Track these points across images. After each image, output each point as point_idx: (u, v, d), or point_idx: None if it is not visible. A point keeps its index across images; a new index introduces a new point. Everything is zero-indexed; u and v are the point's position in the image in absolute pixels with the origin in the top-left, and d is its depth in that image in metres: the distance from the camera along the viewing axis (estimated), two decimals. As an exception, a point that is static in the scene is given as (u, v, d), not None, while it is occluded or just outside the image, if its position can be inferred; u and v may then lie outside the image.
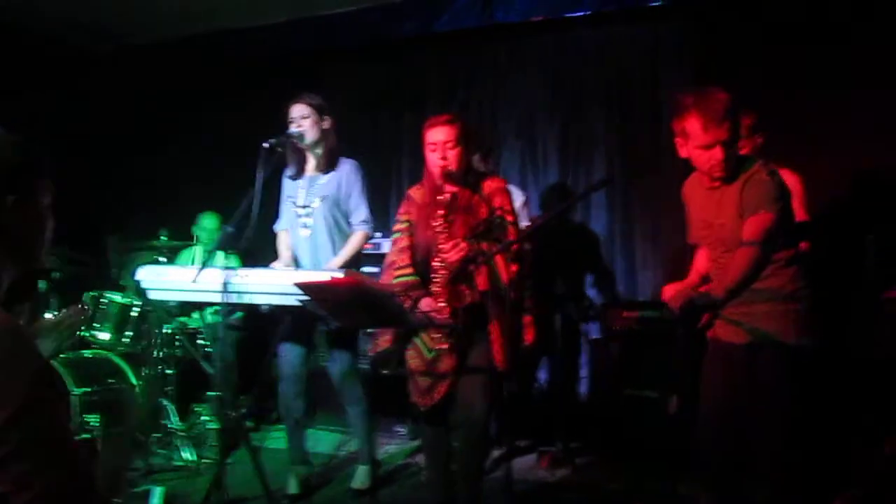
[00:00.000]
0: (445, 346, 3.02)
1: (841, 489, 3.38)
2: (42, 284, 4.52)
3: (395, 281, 3.15)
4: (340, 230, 3.74)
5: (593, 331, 4.90)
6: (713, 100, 2.44)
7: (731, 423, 2.62)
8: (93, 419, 4.02)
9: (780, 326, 2.54)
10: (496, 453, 4.08)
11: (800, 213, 3.45)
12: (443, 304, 2.94)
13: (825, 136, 4.21)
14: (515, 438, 4.45)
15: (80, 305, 2.11)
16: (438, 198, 3.05)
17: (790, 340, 2.52)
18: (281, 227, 3.88)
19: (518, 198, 4.24)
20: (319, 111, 3.68)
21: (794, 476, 2.53)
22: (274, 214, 3.91)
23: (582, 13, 4.70)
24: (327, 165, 3.72)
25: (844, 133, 4.19)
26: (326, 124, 3.71)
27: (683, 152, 2.57)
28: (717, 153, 2.47)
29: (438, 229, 3.02)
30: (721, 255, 2.64)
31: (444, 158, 3.04)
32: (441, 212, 3.02)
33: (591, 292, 5.01)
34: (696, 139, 2.48)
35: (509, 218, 3.10)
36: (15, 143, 1.28)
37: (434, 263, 3.03)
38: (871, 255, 3.68)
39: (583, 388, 4.84)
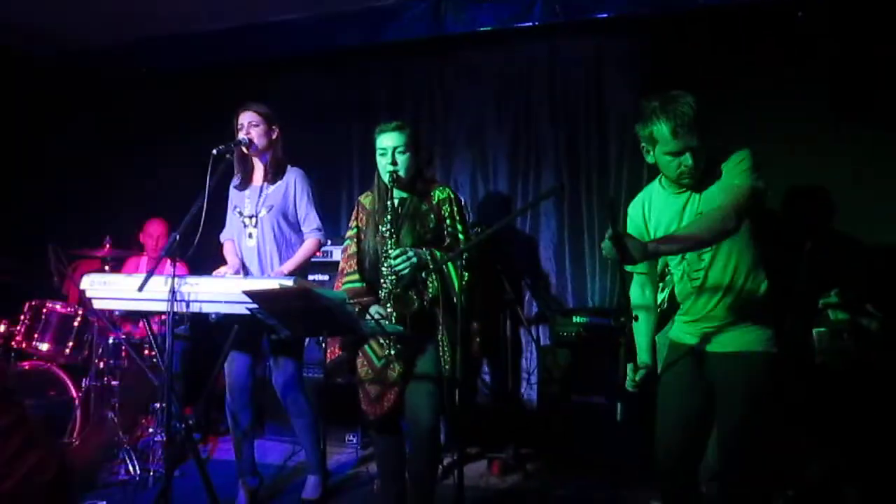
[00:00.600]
0: (393, 354, 3.02)
1: (778, 492, 3.49)
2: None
3: (343, 287, 3.15)
4: (287, 240, 3.71)
5: (543, 337, 4.97)
6: (681, 104, 2.33)
7: (692, 428, 2.55)
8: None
9: (753, 333, 2.46)
10: (447, 460, 4.10)
11: None
12: (390, 311, 2.95)
13: (763, 145, 4.33)
14: (465, 445, 4.47)
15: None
16: (387, 203, 3.06)
17: (761, 348, 2.45)
18: (226, 237, 3.85)
19: None
20: (268, 120, 3.67)
21: (757, 483, 2.46)
22: (221, 223, 3.87)
23: (530, 24, 4.77)
24: (274, 175, 3.70)
25: (782, 141, 4.34)
26: (275, 134, 3.70)
27: (650, 158, 2.46)
28: (687, 159, 2.36)
29: (386, 235, 3.03)
30: (693, 264, 2.51)
31: (393, 164, 3.06)
32: (388, 217, 3.03)
33: (541, 298, 5.06)
34: (664, 145, 2.38)
35: (459, 227, 3.14)
36: None
37: (382, 269, 3.04)
38: (807, 262, 3.79)
39: (532, 394, 4.88)
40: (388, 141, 3.08)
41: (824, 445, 3.55)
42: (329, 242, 4.52)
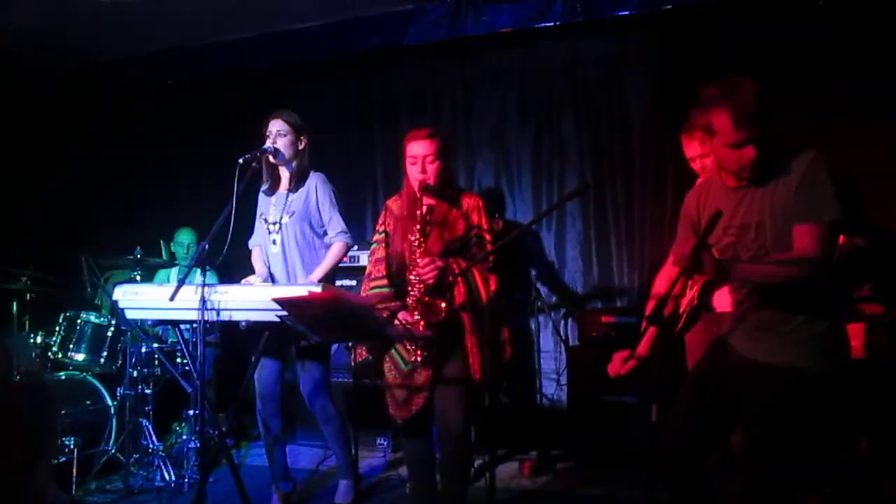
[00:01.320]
0: (420, 359, 3.03)
1: (811, 489, 3.44)
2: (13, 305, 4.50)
3: (370, 292, 3.16)
4: (310, 245, 3.73)
5: (571, 337, 4.95)
6: (744, 91, 2.16)
7: (700, 422, 2.44)
8: (70, 441, 3.99)
9: (802, 351, 2.25)
10: (477, 462, 4.10)
11: None
12: (417, 319, 2.96)
13: (792, 140, 4.29)
14: (496, 447, 4.48)
15: None
16: (416, 212, 3.07)
17: (809, 366, 2.24)
18: (254, 243, 3.89)
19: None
20: (297, 130, 3.68)
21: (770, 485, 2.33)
22: (250, 230, 3.91)
23: (550, 24, 4.76)
24: (298, 182, 3.73)
25: (807, 133, 4.29)
26: (302, 144, 3.72)
27: (697, 150, 2.30)
28: (749, 152, 2.19)
29: (415, 243, 3.04)
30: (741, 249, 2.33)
31: (423, 172, 3.07)
32: (418, 226, 3.04)
33: (569, 298, 5.05)
34: (724, 136, 2.19)
35: (487, 237, 3.14)
36: None
37: (410, 277, 3.05)
38: (839, 256, 3.74)
39: (562, 394, 4.87)
40: (418, 149, 3.08)
41: (858, 441, 3.50)
42: (356, 247, 4.56)
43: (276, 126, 3.65)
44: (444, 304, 2.94)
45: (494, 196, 5.31)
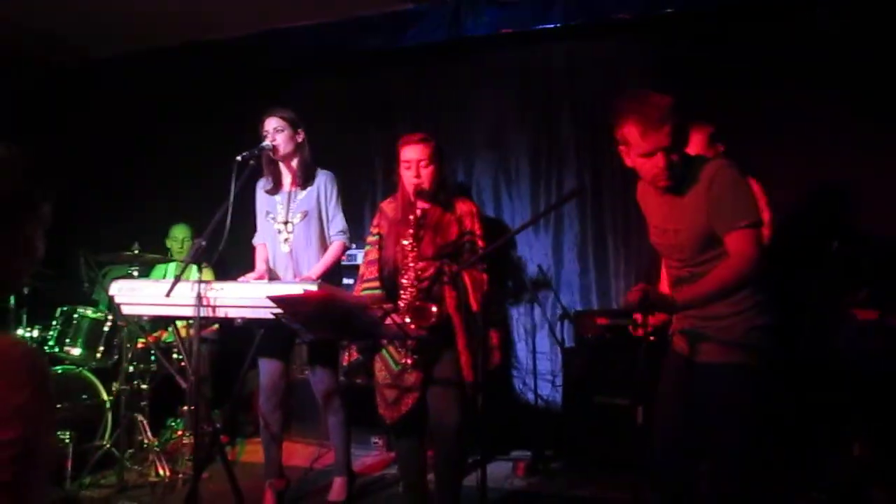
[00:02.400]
0: (410, 361, 3.05)
1: (805, 493, 3.46)
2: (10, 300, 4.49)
3: (362, 294, 3.18)
4: (321, 244, 3.75)
5: (566, 338, 4.96)
6: (650, 104, 2.26)
7: (681, 433, 2.52)
8: (64, 435, 4.00)
9: (737, 343, 2.39)
10: (470, 461, 4.11)
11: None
12: (408, 322, 2.97)
13: (788, 145, 4.32)
14: (488, 447, 4.49)
15: None
16: (409, 216, 3.08)
17: (739, 360, 2.37)
18: (258, 241, 3.89)
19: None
20: (293, 124, 3.69)
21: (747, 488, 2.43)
22: (247, 227, 3.91)
23: (550, 26, 4.77)
24: (304, 179, 3.73)
25: (807, 141, 4.31)
26: (300, 137, 3.73)
27: (628, 161, 2.41)
28: (659, 160, 2.30)
29: (408, 247, 3.05)
30: (676, 262, 2.50)
31: (417, 176, 3.08)
32: (411, 230, 3.05)
33: (566, 299, 5.06)
34: (636, 147, 2.31)
35: (480, 243, 3.15)
36: (25, 168, 1.27)
37: (402, 281, 3.06)
38: (834, 261, 3.75)
39: (556, 395, 4.88)
40: (412, 153, 3.10)
41: (851, 446, 3.51)
42: (354, 246, 4.57)
43: (272, 124, 3.65)
44: (434, 309, 2.95)
45: (492, 197, 5.32)
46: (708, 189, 2.32)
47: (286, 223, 3.74)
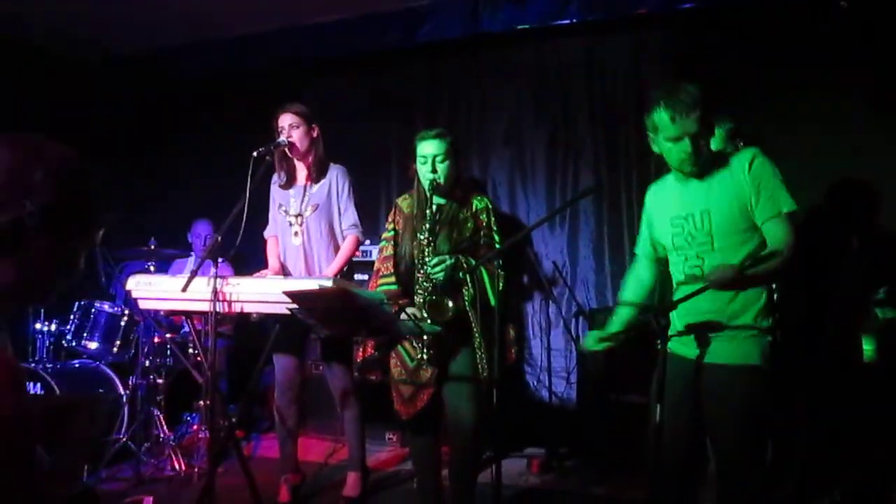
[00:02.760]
0: (426, 358, 3.05)
1: (823, 494, 3.42)
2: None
3: (378, 289, 3.17)
4: (333, 238, 3.76)
5: (582, 335, 4.94)
6: (681, 91, 2.41)
7: (690, 438, 2.55)
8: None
9: (747, 347, 2.44)
10: (484, 458, 4.10)
11: None
12: (426, 318, 2.96)
13: (808, 141, 4.27)
14: (504, 444, 4.48)
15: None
16: (426, 211, 3.08)
17: (753, 362, 2.42)
18: (269, 233, 3.90)
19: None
20: (308, 120, 3.71)
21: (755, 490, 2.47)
22: (264, 223, 3.93)
23: (567, 22, 4.73)
24: (318, 174, 3.74)
25: (824, 136, 4.25)
26: (315, 133, 3.74)
27: (655, 147, 2.54)
28: (686, 145, 2.42)
29: (424, 243, 3.05)
30: (695, 251, 2.52)
31: (433, 171, 3.07)
32: (427, 225, 3.05)
33: (581, 296, 5.04)
34: (664, 131, 2.45)
35: (497, 237, 3.15)
36: (94, 187, 1.28)
37: (418, 276, 3.06)
38: (855, 258, 3.71)
39: (571, 392, 4.86)
40: (428, 149, 3.09)
41: (871, 447, 3.47)
42: (368, 241, 4.57)
43: (287, 120, 3.67)
44: (451, 304, 2.95)
45: (508, 193, 5.31)
46: (745, 171, 2.43)
47: (298, 216, 3.75)
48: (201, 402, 4.34)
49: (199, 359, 4.41)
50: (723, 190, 2.46)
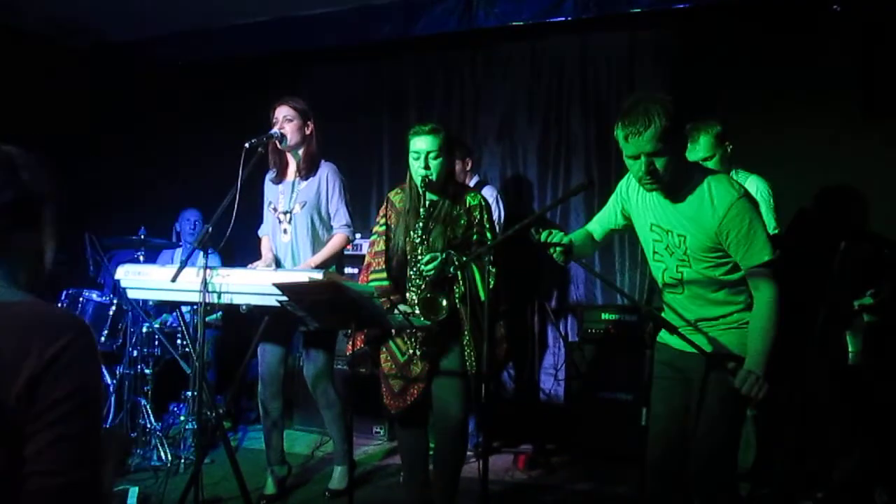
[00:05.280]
0: (417, 352, 3.05)
1: (808, 493, 3.45)
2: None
3: (370, 284, 3.17)
4: (321, 235, 3.75)
5: (570, 333, 4.96)
6: (638, 109, 2.28)
7: (678, 433, 2.55)
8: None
9: (736, 339, 2.44)
10: (470, 453, 4.12)
11: (768, 222, 3.49)
12: (419, 315, 2.97)
13: (797, 143, 4.29)
14: (491, 439, 4.50)
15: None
16: (419, 207, 3.07)
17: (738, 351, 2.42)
18: (264, 233, 3.90)
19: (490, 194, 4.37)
20: (303, 115, 3.69)
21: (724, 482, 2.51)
22: (256, 215, 3.91)
23: (562, 18, 4.74)
24: (307, 170, 3.73)
25: (814, 139, 4.28)
26: (309, 129, 3.72)
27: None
28: (642, 164, 2.32)
29: (417, 239, 3.05)
30: (676, 261, 2.48)
31: (426, 168, 3.06)
32: (420, 222, 3.05)
33: (571, 293, 5.05)
34: (623, 148, 2.37)
35: (489, 235, 3.15)
36: (48, 170, 1.35)
37: (411, 273, 3.06)
38: (844, 262, 3.72)
39: (559, 389, 4.88)
40: (421, 144, 3.08)
41: (855, 446, 3.50)
42: (359, 237, 4.57)
43: (282, 112, 3.65)
44: (445, 302, 2.95)
45: (500, 189, 5.31)
46: (719, 219, 2.32)
47: (286, 213, 3.74)
48: (189, 393, 4.34)
49: (187, 349, 4.41)
50: (696, 225, 2.37)
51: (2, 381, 1.14)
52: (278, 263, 3.74)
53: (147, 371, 4.43)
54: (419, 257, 3.02)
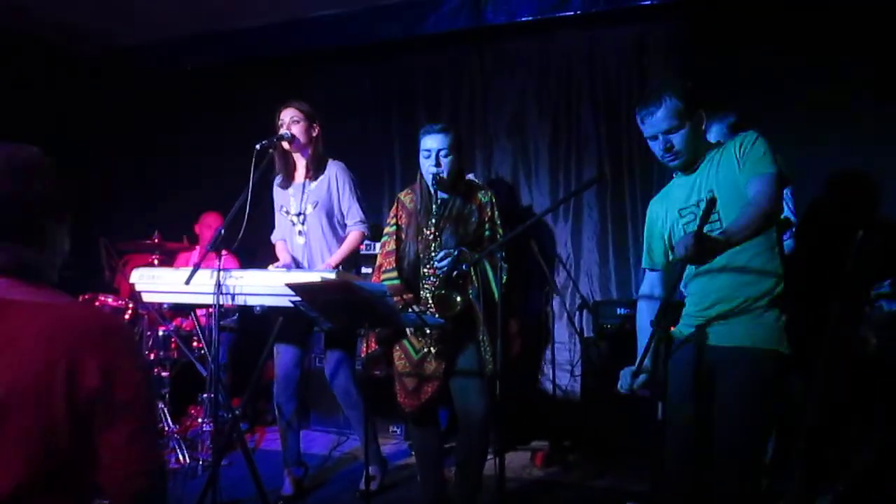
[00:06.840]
0: (432, 349, 3.05)
1: (825, 489, 3.42)
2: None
3: (382, 283, 3.17)
4: (336, 234, 3.76)
5: (586, 328, 4.93)
6: (651, 92, 2.43)
7: (697, 428, 2.49)
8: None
9: (761, 332, 2.37)
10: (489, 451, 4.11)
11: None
12: (433, 312, 2.96)
13: (812, 132, 4.25)
14: (508, 437, 4.48)
15: None
16: (430, 206, 3.07)
17: (769, 346, 2.36)
18: (277, 237, 3.91)
19: None
20: (309, 117, 3.72)
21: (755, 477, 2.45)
22: (267, 216, 3.92)
23: (570, 13, 4.72)
24: (316, 171, 3.75)
25: (827, 126, 4.24)
26: (315, 131, 3.74)
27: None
28: (661, 143, 2.44)
29: (430, 237, 3.04)
30: (711, 229, 2.40)
31: (437, 165, 3.06)
32: (432, 220, 3.05)
33: (585, 288, 5.03)
34: (643, 131, 2.49)
35: (500, 231, 3.15)
36: (55, 175, 1.41)
37: (424, 271, 3.06)
38: (860, 251, 3.69)
39: (575, 385, 4.86)
40: (432, 143, 3.08)
41: (874, 439, 3.46)
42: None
43: (288, 114, 3.68)
44: (459, 299, 2.94)
45: (511, 186, 5.30)
46: (737, 147, 2.40)
47: (299, 215, 3.75)
48: (205, 395, 4.36)
49: (202, 352, 4.43)
50: (723, 169, 2.42)
51: (63, 385, 1.22)
52: (297, 265, 3.75)
53: (164, 374, 4.46)
54: (432, 255, 3.02)
